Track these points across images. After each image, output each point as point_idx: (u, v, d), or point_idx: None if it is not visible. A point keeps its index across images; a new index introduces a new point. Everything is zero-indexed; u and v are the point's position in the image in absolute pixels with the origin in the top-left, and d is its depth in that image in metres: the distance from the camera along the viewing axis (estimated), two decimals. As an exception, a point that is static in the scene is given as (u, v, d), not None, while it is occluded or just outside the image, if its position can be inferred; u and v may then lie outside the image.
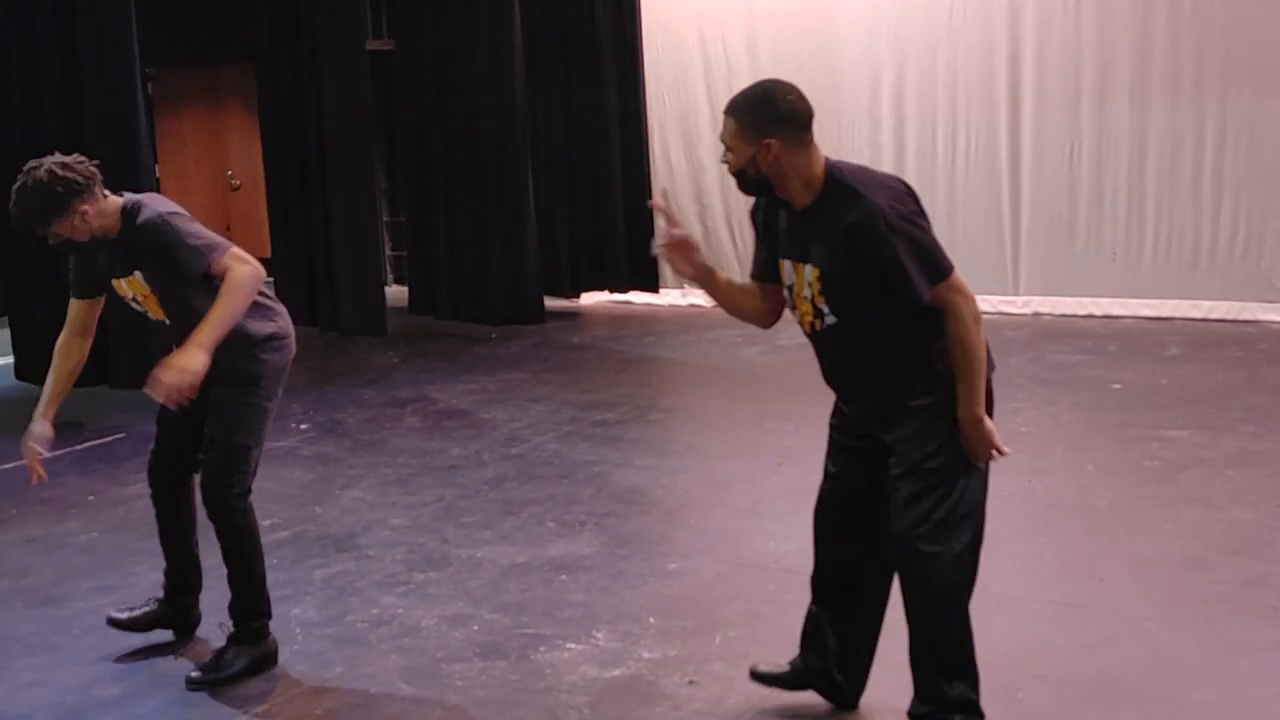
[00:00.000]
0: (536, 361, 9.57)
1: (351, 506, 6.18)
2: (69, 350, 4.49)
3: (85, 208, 4.14)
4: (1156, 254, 9.90)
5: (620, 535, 5.63)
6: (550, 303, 11.49)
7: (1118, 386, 7.78)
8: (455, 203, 11.40)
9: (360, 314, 10.71)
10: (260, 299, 4.35)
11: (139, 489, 6.56)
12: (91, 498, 6.55)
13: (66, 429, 7.93)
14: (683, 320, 10.93)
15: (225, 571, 4.41)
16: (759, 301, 3.77)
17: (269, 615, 4.45)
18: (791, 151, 3.41)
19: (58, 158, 4.19)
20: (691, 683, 4.14)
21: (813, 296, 3.47)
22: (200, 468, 4.39)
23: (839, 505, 3.73)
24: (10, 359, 8.92)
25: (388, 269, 12.99)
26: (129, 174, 8.10)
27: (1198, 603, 4.62)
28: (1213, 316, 9.60)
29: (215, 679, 4.29)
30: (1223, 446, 6.44)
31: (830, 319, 3.48)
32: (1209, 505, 5.61)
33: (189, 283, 4.20)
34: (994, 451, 3.47)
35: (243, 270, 4.12)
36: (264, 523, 5.86)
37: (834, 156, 3.52)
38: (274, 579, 5.16)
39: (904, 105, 10.55)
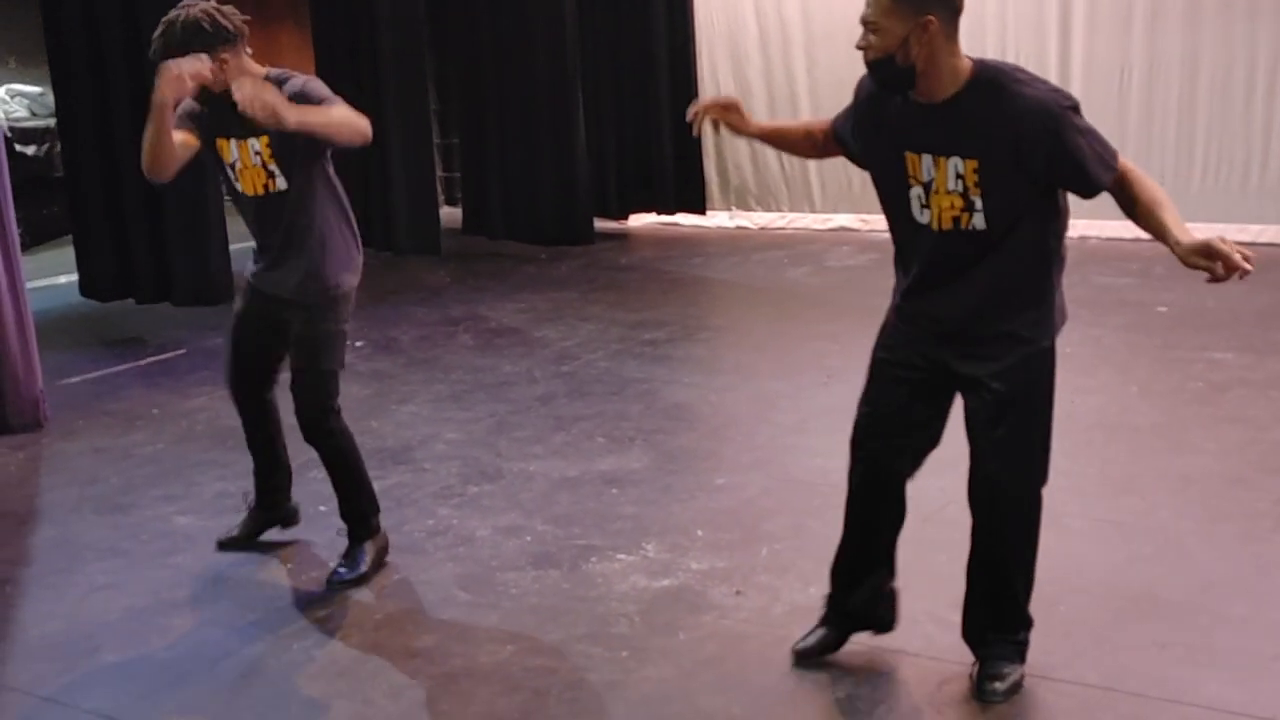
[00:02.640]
0: (586, 281, 9.60)
1: (407, 421, 6.26)
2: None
3: (227, 56, 4.10)
4: (1205, 178, 9.79)
5: (668, 451, 5.69)
6: (599, 224, 11.49)
7: (1163, 309, 7.74)
8: (506, 125, 11.38)
9: (414, 233, 10.77)
10: (349, 226, 4.49)
11: (202, 402, 6.70)
12: (156, 410, 6.66)
13: (130, 345, 8.10)
14: (729, 242, 10.92)
15: (331, 482, 4.54)
16: (816, 149, 3.72)
17: (378, 511, 4.59)
18: (946, 36, 3.16)
19: (214, 3, 4.17)
20: (738, 593, 4.20)
21: (966, 190, 3.22)
22: (295, 400, 4.41)
23: (881, 433, 3.54)
24: (75, 277, 9.03)
25: (440, 190, 13.02)
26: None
27: (1238, 520, 4.62)
28: (1261, 240, 9.47)
29: (356, 576, 4.42)
30: (1268, 368, 6.41)
31: (980, 217, 3.24)
32: (1252, 425, 5.59)
33: (320, 152, 4.25)
34: (1241, 259, 3.06)
35: (364, 122, 4.16)
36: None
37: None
38: (333, 490, 5.28)
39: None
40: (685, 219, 11.75)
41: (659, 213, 11.85)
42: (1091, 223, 10.07)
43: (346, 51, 11.10)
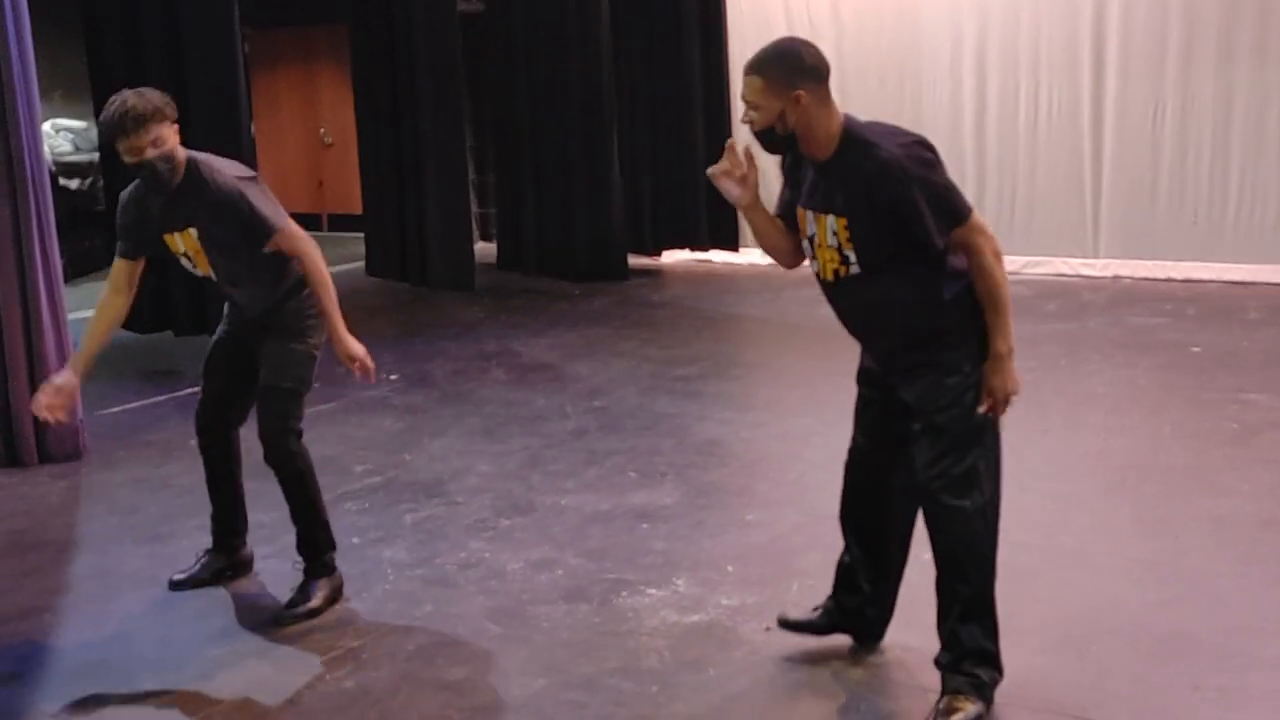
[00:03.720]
0: (619, 318, 9.62)
1: (440, 454, 6.28)
2: (109, 307, 4.50)
3: (163, 132, 4.20)
4: (1239, 218, 9.73)
5: (700, 486, 5.69)
6: (633, 260, 11.53)
7: (1197, 350, 7.69)
8: (541, 162, 11.45)
9: (448, 269, 10.83)
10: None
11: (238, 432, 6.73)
12: (192, 441, 6.65)
13: (168, 376, 8.16)
14: (761, 279, 10.92)
15: (289, 512, 4.56)
16: (788, 240, 3.81)
17: (334, 547, 4.61)
18: (817, 104, 3.44)
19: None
20: (769, 629, 4.18)
21: (840, 245, 3.49)
22: (257, 418, 4.49)
23: (865, 459, 3.83)
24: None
25: (474, 226, 13.10)
26: (227, 131, 8.25)
27: (1271, 562, 4.59)
28: (1296, 279, 9.45)
29: (305, 612, 4.43)
30: (1301, 410, 6.37)
31: (855, 268, 3.50)
32: (1286, 467, 5.56)
33: (249, 244, 4.32)
34: (1008, 396, 3.47)
35: (314, 253, 4.37)
36: (356, 468, 6.04)
37: (915, 117, 3.53)
38: (366, 522, 5.32)
39: (986, 66, 10.42)
40: (718, 255, 11.78)
41: (692, 249, 11.88)
42: (1125, 263, 10.10)
43: (385, 88, 11.21)
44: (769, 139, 3.52)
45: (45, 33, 7.10)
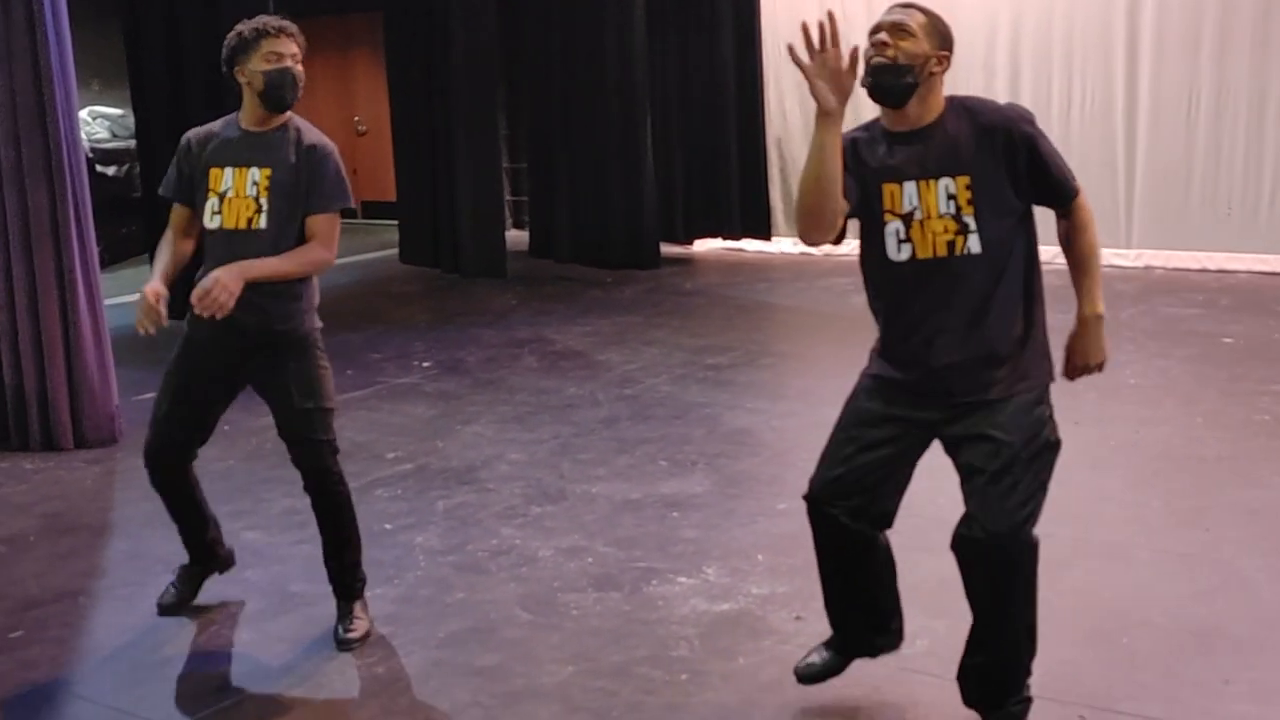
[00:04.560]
0: (650, 306, 9.60)
1: (472, 441, 6.28)
2: (179, 243, 4.23)
3: (299, 56, 4.18)
4: (1274, 209, 9.63)
5: (730, 475, 5.67)
6: (665, 249, 11.51)
7: (1229, 341, 7.62)
8: (575, 150, 11.45)
9: (481, 256, 10.83)
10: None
11: (269, 421, 6.73)
12: (226, 427, 6.63)
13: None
14: (794, 268, 10.88)
15: (323, 539, 4.25)
16: (841, 201, 3.30)
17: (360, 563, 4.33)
18: (941, 77, 3.26)
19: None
20: (798, 619, 4.17)
21: (958, 210, 3.19)
22: (299, 442, 4.16)
23: (857, 515, 3.41)
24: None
25: (507, 213, 13.10)
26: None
27: (1306, 556, 4.54)
28: (1329, 269, 9.35)
29: (362, 637, 4.15)
30: (1336, 402, 6.30)
31: (975, 242, 3.19)
32: (1320, 460, 5.50)
33: (299, 208, 4.09)
34: (1098, 364, 3.32)
35: (326, 256, 4.09)
36: (388, 455, 6.05)
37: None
38: (398, 508, 5.32)
39: (1020, 56, 10.36)
40: (750, 244, 11.75)
41: (725, 238, 11.85)
42: (1157, 253, 10.02)
43: (420, 76, 11.22)
44: (896, 76, 3.18)
45: (83, 21, 7.12)
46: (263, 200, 4.08)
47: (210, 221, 4.13)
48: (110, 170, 12.17)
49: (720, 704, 3.67)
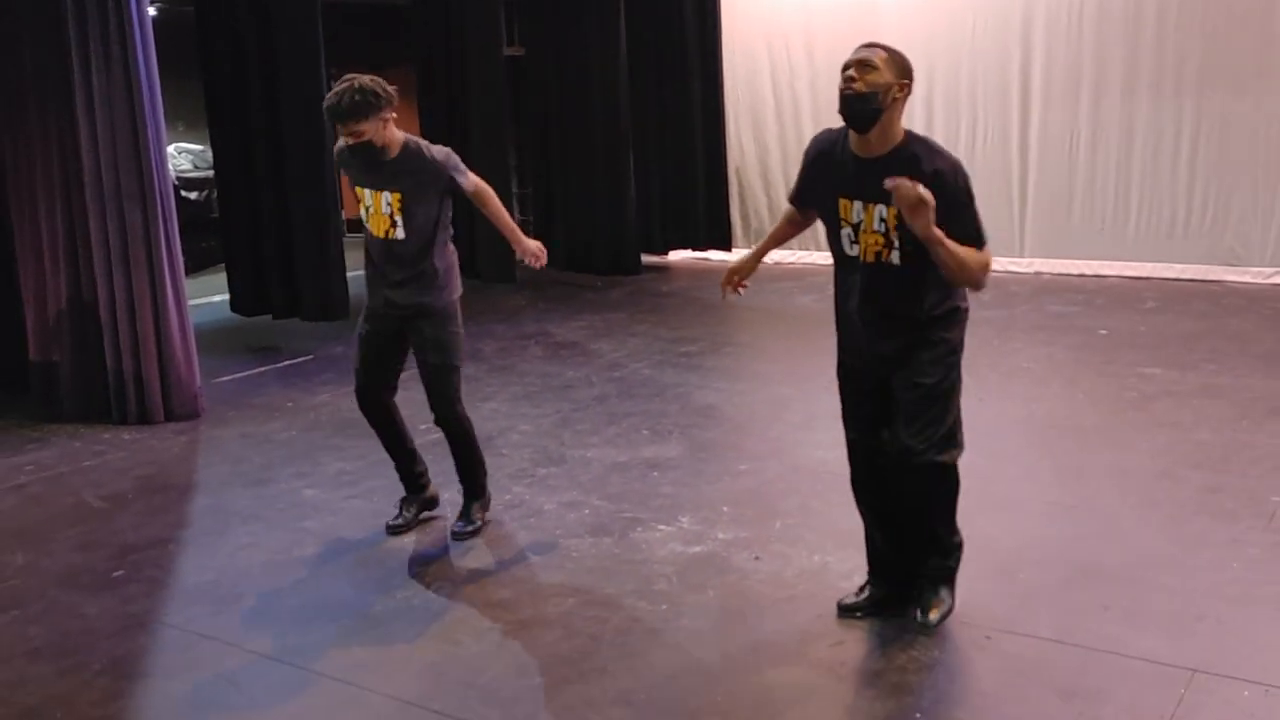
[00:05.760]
0: (633, 305, 9.57)
1: (489, 415, 6.25)
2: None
3: (389, 116, 4.18)
4: (1139, 225, 9.65)
5: (700, 442, 5.65)
6: (645, 258, 11.46)
7: (1104, 332, 7.63)
8: (569, 177, 11.39)
9: (495, 265, 10.78)
10: (452, 243, 4.44)
11: (325, 398, 6.72)
12: (290, 404, 6.69)
13: (269, 351, 8.14)
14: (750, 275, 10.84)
15: (454, 458, 4.57)
16: (793, 226, 3.79)
17: (487, 475, 4.65)
18: (902, 105, 3.25)
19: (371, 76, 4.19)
20: (757, 559, 4.16)
21: (887, 231, 3.26)
22: (432, 392, 4.38)
23: (861, 448, 3.60)
24: (226, 296, 9.09)
25: (517, 230, 13.02)
26: (313, 156, 8.21)
27: (1167, 506, 4.54)
28: (1184, 277, 9.36)
29: (474, 530, 4.48)
30: (1189, 381, 6.31)
31: (897, 253, 3.28)
32: (1177, 428, 5.50)
33: (431, 202, 4.28)
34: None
35: (490, 191, 4.49)
36: (420, 425, 5.95)
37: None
38: (428, 471, 5.28)
39: (933, 104, 10.33)
40: (715, 254, 11.71)
41: (694, 249, 11.81)
42: (1046, 261, 10.03)
43: (443, 116, 11.14)
44: (863, 104, 3.20)
45: (170, 73, 7.06)
46: (396, 218, 4.30)
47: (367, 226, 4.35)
48: (192, 195, 12.11)
49: (694, 629, 3.66)
